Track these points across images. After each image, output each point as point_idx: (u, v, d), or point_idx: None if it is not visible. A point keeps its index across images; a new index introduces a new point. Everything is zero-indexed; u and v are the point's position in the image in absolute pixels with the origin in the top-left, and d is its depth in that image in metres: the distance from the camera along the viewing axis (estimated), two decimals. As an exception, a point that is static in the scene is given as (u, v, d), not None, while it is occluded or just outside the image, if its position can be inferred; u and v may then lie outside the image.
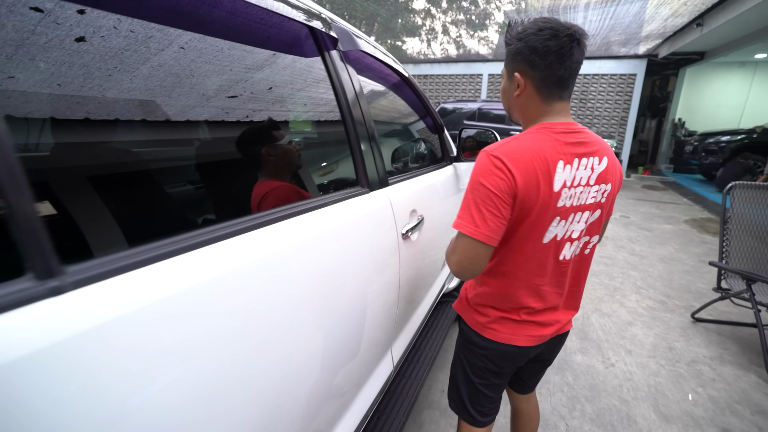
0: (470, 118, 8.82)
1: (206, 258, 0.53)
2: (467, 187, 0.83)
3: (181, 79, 0.73)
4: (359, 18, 12.06)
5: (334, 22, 0.98)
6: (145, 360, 0.43)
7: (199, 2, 0.69)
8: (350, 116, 0.97)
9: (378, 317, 1.03)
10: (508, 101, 0.93)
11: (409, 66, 12.60)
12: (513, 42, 0.86)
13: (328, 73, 0.94)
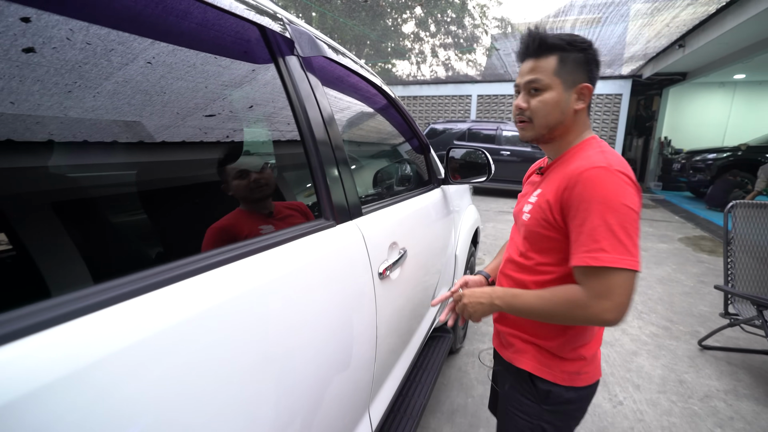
0: (460, 138, 8.80)
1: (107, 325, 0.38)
2: (597, 212, 0.73)
3: (152, 96, 0.64)
4: (349, 41, 12.19)
5: (291, 23, 0.82)
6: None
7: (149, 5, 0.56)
8: (311, 135, 0.79)
9: (349, 378, 0.83)
10: (561, 114, 0.84)
11: (399, 87, 12.68)
12: (574, 51, 0.81)
13: (283, 83, 0.77)
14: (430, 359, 1.82)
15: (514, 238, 0.98)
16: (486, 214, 6.68)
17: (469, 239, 2.18)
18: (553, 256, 0.85)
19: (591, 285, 0.75)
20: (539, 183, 0.91)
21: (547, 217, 0.82)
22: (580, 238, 0.76)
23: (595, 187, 0.74)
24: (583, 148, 0.85)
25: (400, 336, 1.17)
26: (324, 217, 0.81)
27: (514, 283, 0.92)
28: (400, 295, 1.11)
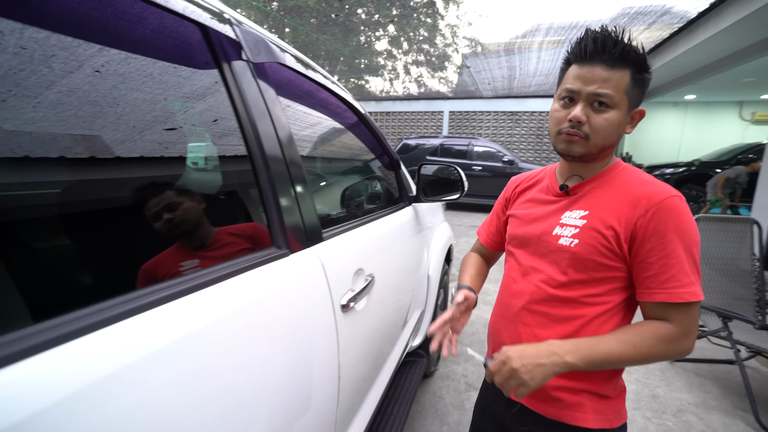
0: (433, 153, 8.87)
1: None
2: (684, 244, 0.69)
3: (103, 108, 0.56)
4: (322, 56, 12.19)
5: (240, 25, 0.73)
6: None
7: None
8: (260, 151, 0.69)
9: (305, 428, 0.71)
10: (617, 138, 0.76)
11: (371, 103, 12.75)
12: (645, 71, 0.72)
13: (228, 91, 0.67)
14: (402, 388, 1.71)
15: (534, 267, 0.83)
16: (459, 229, 6.69)
17: (443, 258, 2.11)
18: (608, 287, 0.76)
19: (681, 320, 0.70)
20: (570, 203, 0.81)
21: (610, 245, 0.73)
22: (667, 271, 0.69)
23: (679, 217, 0.69)
24: (626, 171, 0.79)
25: (368, 370, 1.06)
26: (276, 245, 0.70)
27: (551, 321, 0.78)
28: (367, 326, 1.01)
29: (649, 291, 0.72)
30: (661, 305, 0.71)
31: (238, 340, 0.54)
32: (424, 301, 1.91)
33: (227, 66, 0.67)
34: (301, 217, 0.77)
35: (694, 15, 4.79)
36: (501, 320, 0.88)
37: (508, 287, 0.88)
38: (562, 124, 0.76)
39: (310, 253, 0.77)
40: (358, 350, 0.96)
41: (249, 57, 0.72)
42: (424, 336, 1.97)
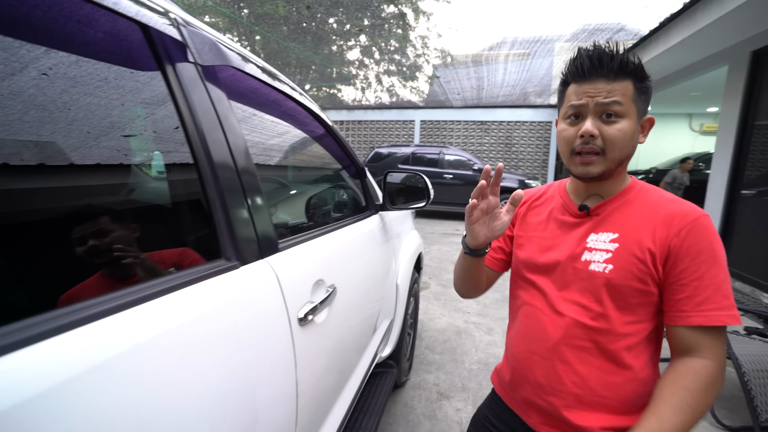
0: (404, 162, 8.94)
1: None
2: (719, 265, 0.67)
3: (52, 113, 0.52)
4: (293, 65, 12.10)
5: (188, 25, 0.69)
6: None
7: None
8: (208, 158, 0.65)
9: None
10: (632, 148, 0.73)
11: (343, 112, 12.75)
12: (646, 80, 0.71)
13: (172, 96, 0.63)
14: (371, 400, 1.67)
15: (565, 297, 0.77)
16: (431, 237, 6.74)
17: (412, 266, 2.10)
18: (641, 313, 0.72)
19: (714, 348, 0.67)
20: (594, 225, 0.77)
21: (647, 268, 0.69)
22: (702, 293, 0.66)
23: (712, 237, 0.68)
24: (647, 189, 0.77)
25: (333, 384, 1.02)
26: (225, 257, 0.66)
27: (591, 356, 0.74)
28: (330, 339, 0.98)
29: (682, 314, 0.68)
30: (695, 330, 0.68)
31: (174, 361, 0.50)
32: (393, 310, 1.89)
33: (171, 68, 0.63)
34: (254, 228, 0.73)
35: (646, 33, 5.10)
36: (530, 356, 0.81)
37: (536, 319, 0.81)
38: (573, 142, 0.73)
39: (263, 264, 0.73)
40: (320, 364, 0.92)
41: (196, 59, 0.68)
42: (394, 346, 1.94)
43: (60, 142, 0.52)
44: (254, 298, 0.67)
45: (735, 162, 4.59)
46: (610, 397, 0.73)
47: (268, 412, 0.69)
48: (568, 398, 0.75)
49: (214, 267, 0.63)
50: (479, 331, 3.16)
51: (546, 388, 0.78)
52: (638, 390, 0.73)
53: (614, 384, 0.73)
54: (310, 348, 0.85)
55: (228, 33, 11.35)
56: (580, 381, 0.74)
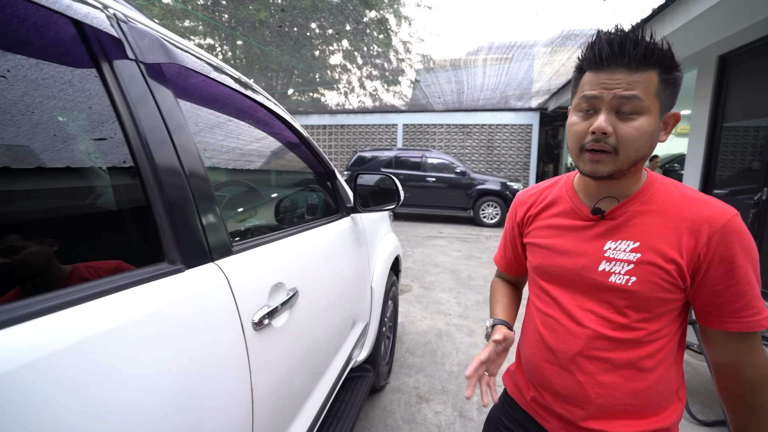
0: (387, 165, 8.96)
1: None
2: (753, 268, 0.64)
3: (14, 116, 0.52)
4: (275, 69, 12.03)
5: (127, 21, 0.67)
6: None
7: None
8: (149, 159, 0.63)
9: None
10: (650, 148, 0.66)
11: (326, 116, 12.72)
12: (675, 70, 0.64)
13: (109, 95, 0.60)
14: (346, 404, 1.65)
15: (583, 307, 0.74)
16: (414, 240, 6.75)
17: (387, 269, 2.09)
18: (667, 319, 0.70)
19: (756, 348, 0.67)
20: (611, 231, 0.71)
21: (673, 279, 0.66)
22: (740, 299, 0.64)
23: (744, 238, 0.63)
24: (666, 186, 0.71)
25: (298, 388, 1.00)
26: (168, 260, 0.64)
27: (614, 366, 0.71)
28: (293, 343, 0.95)
29: (720, 320, 0.66)
30: (735, 336, 0.67)
31: (103, 365, 0.48)
32: (369, 313, 1.87)
33: (108, 65, 0.61)
34: (203, 232, 0.71)
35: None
36: (547, 366, 0.77)
37: (552, 330, 0.77)
38: (584, 138, 0.66)
39: (211, 268, 0.71)
40: (282, 368, 0.90)
41: (140, 57, 0.66)
42: (370, 349, 1.92)
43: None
44: (200, 303, 0.65)
45: (707, 163, 4.74)
46: (635, 404, 0.71)
47: (217, 420, 0.66)
48: (593, 408, 0.72)
49: (155, 271, 0.61)
50: (460, 333, 3.17)
51: (567, 398, 0.75)
52: (663, 392, 0.71)
53: (639, 390, 0.70)
54: (269, 353, 0.83)
55: (209, 38, 11.22)
56: (604, 392, 0.71)
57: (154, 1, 8.94)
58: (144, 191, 0.62)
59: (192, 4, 9.86)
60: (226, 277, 0.72)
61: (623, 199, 0.71)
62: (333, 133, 12.74)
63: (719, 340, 0.69)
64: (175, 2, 9.31)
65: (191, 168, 0.71)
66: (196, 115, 0.88)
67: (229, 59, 11.56)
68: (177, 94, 0.75)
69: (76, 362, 0.45)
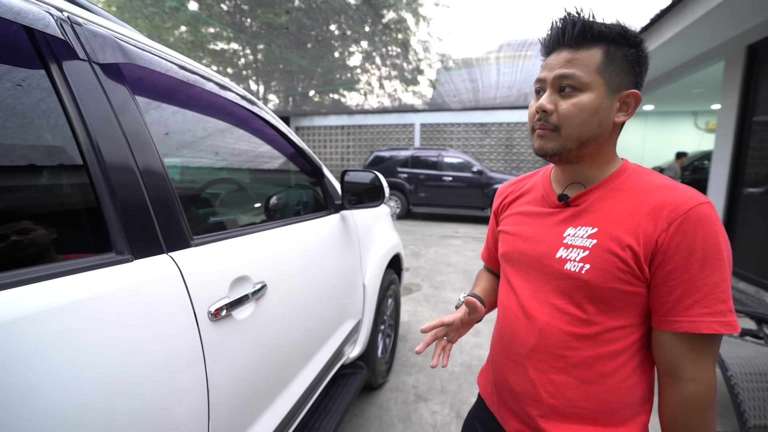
0: (404, 164, 8.96)
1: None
2: (718, 263, 0.57)
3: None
4: (296, 71, 12.24)
5: (81, 24, 0.70)
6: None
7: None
8: (97, 154, 0.66)
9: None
10: (598, 126, 0.64)
11: (344, 117, 12.83)
12: (624, 46, 0.63)
13: (57, 96, 0.64)
14: (335, 400, 1.66)
15: (538, 298, 0.71)
16: (429, 239, 6.71)
17: (383, 266, 2.09)
18: (630, 316, 0.65)
19: (702, 360, 0.60)
20: (573, 217, 0.69)
21: (629, 267, 0.61)
22: (693, 295, 0.58)
23: (709, 230, 0.57)
24: (637, 173, 0.68)
25: (264, 381, 1.02)
26: (116, 250, 0.67)
27: (569, 365, 0.67)
28: (259, 335, 0.97)
29: (667, 319, 0.61)
30: (680, 338, 0.60)
31: (36, 346, 0.50)
32: (361, 310, 1.88)
33: (57, 66, 0.64)
34: (156, 225, 0.73)
35: (638, 30, 5.04)
36: (505, 361, 0.75)
37: (509, 322, 0.75)
38: (533, 118, 0.68)
39: (163, 259, 0.73)
40: (245, 359, 0.91)
41: (94, 57, 0.70)
42: (363, 346, 1.93)
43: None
44: (146, 292, 0.67)
45: (735, 159, 4.50)
46: (591, 408, 0.66)
47: (166, 406, 0.68)
48: (544, 408, 0.69)
49: (101, 259, 0.64)
50: (466, 334, 3.13)
51: (521, 396, 0.72)
52: (624, 399, 0.66)
53: (595, 394, 0.66)
54: (228, 343, 0.85)
55: (234, 43, 11.52)
56: (556, 391, 0.68)
57: (181, 9, 9.27)
58: (93, 187, 0.65)
59: (216, 10, 10.15)
60: (179, 268, 0.75)
61: (590, 186, 0.69)
62: (351, 134, 12.84)
63: (664, 343, 0.62)
64: (199, 14, 9.62)
65: (146, 165, 0.74)
66: (167, 114, 0.91)
67: (251, 63, 11.85)
68: (136, 92, 0.78)
69: (12, 334, 0.48)
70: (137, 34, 0.90)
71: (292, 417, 1.18)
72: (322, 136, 13.17)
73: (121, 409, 0.61)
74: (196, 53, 11.00)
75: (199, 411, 0.77)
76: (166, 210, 0.77)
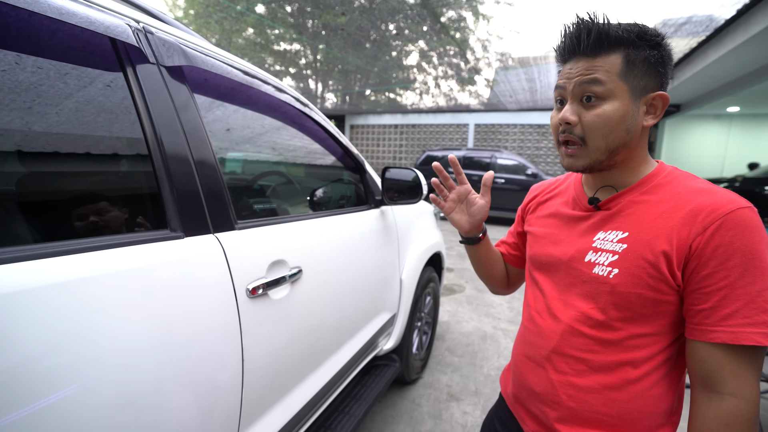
0: (455, 165, 8.83)
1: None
2: (761, 271, 0.54)
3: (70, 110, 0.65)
4: (352, 72, 12.57)
5: (153, 32, 0.81)
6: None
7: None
8: (160, 147, 0.76)
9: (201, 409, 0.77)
10: (626, 133, 0.63)
11: (398, 116, 12.92)
12: (646, 47, 0.61)
13: (131, 95, 0.75)
14: (367, 388, 1.73)
15: (564, 301, 0.71)
16: (476, 242, 6.59)
17: (422, 263, 2.12)
18: (657, 324, 0.63)
19: (743, 374, 0.56)
20: (604, 221, 0.68)
21: (660, 275, 0.59)
22: (731, 304, 0.55)
23: (751, 235, 0.55)
24: (674, 176, 0.65)
25: (294, 357, 1.09)
26: (170, 228, 0.77)
27: (590, 369, 0.66)
28: (292, 316, 1.05)
29: (702, 327, 0.58)
30: (717, 349, 0.57)
31: (96, 302, 0.61)
32: (397, 305, 1.92)
33: (131, 69, 0.76)
34: (205, 208, 0.83)
35: (722, 22, 4.56)
36: (526, 361, 0.76)
37: (533, 322, 0.75)
38: (557, 130, 0.67)
39: (210, 238, 0.83)
40: (278, 336, 1.00)
41: (161, 61, 0.81)
42: (397, 340, 1.98)
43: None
44: (194, 266, 0.77)
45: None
46: (611, 415, 0.65)
47: (203, 370, 0.78)
48: (563, 411, 0.68)
49: (157, 234, 0.74)
50: (506, 338, 3.06)
51: (540, 397, 0.72)
52: (647, 409, 0.64)
53: (617, 400, 0.64)
54: (263, 319, 0.94)
55: (296, 43, 12.08)
56: (576, 394, 0.67)
57: (248, 13, 9.90)
58: (155, 174, 0.76)
59: (280, 13, 10.70)
60: (223, 248, 0.84)
61: (622, 189, 0.68)
62: (404, 133, 12.91)
63: (700, 354, 0.59)
64: (263, 17, 10.19)
65: (200, 156, 0.85)
66: (229, 112, 1.02)
67: (311, 62, 12.34)
68: (196, 92, 0.89)
69: (74, 293, 0.58)
70: (201, 39, 1.01)
71: (322, 398, 1.25)
72: (376, 134, 13.37)
73: (168, 367, 0.71)
74: (261, 54, 11.66)
75: (234, 379, 0.86)
76: (215, 196, 0.87)
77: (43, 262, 0.56)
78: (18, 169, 0.67)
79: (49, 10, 0.61)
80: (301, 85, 12.33)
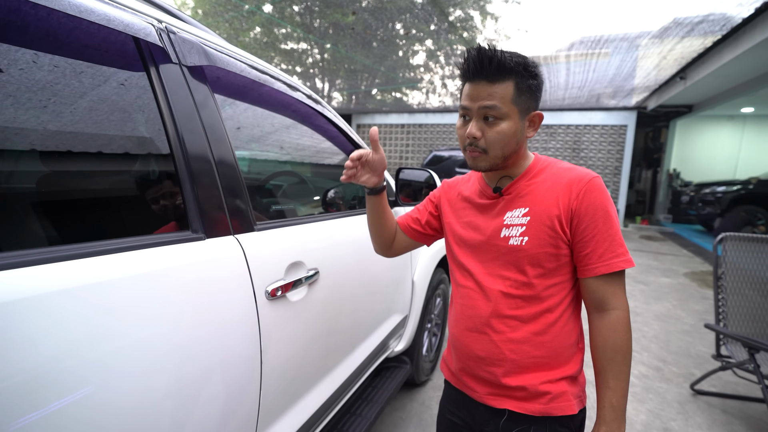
0: (462, 165, 8.80)
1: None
2: (612, 218, 0.79)
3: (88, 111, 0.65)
4: (359, 71, 12.57)
5: (176, 32, 0.81)
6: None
7: None
8: (182, 148, 0.76)
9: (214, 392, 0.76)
10: (516, 144, 0.82)
11: (405, 115, 12.88)
12: (529, 77, 0.79)
13: (154, 95, 0.74)
14: (378, 390, 1.71)
15: (491, 273, 0.86)
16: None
17: (433, 265, 2.10)
18: (561, 274, 0.82)
19: (618, 293, 0.79)
20: (508, 203, 0.85)
21: (556, 233, 0.79)
22: (602, 244, 0.77)
23: (603, 194, 0.78)
24: (549, 163, 0.87)
25: (310, 359, 1.09)
26: (192, 229, 0.76)
27: (521, 322, 0.83)
28: (309, 317, 1.04)
29: (589, 267, 0.79)
30: (601, 280, 0.79)
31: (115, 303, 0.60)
32: (408, 306, 1.91)
33: (154, 69, 0.75)
34: (226, 210, 0.82)
35: (739, 21, 4.48)
36: (467, 333, 0.89)
37: (469, 298, 0.89)
38: (464, 141, 0.83)
39: (230, 240, 0.82)
40: (295, 337, 0.99)
41: (183, 61, 0.80)
42: (408, 342, 1.96)
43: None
44: (214, 267, 0.77)
45: None
46: (543, 355, 0.82)
47: (223, 371, 0.77)
48: (508, 365, 0.83)
49: (179, 236, 0.73)
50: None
51: (486, 360, 0.86)
52: (564, 342, 0.83)
53: (544, 342, 0.82)
54: (281, 321, 0.93)
55: (303, 42, 12.10)
56: (516, 347, 0.83)
57: (257, 12, 9.92)
58: (177, 174, 0.75)
59: (288, 12, 10.72)
60: (243, 249, 0.84)
61: (516, 177, 0.86)
62: (411, 132, 12.88)
63: (590, 287, 0.81)
64: (272, 15, 10.22)
65: (221, 156, 0.84)
66: (239, 110, 1.01)
67: (318, 61, 12.35)
68: (215, 91, 0.88)
69: (97, 296, 0.58)
70: (218, 38, 1.00)
71: (335, 400, 1.24)
72: (382, 134, 13.34)
73: (190, 369, 0.70)
74: (268, 53, 11.68)
75: (252, 382, 0.85)
76: (235, 197, 0.86)
77: (65, 264, 0.56)
78: (39, 168, 0.67)
79: (93, 15, 0.60)
80: (308, 84, 12.34)
